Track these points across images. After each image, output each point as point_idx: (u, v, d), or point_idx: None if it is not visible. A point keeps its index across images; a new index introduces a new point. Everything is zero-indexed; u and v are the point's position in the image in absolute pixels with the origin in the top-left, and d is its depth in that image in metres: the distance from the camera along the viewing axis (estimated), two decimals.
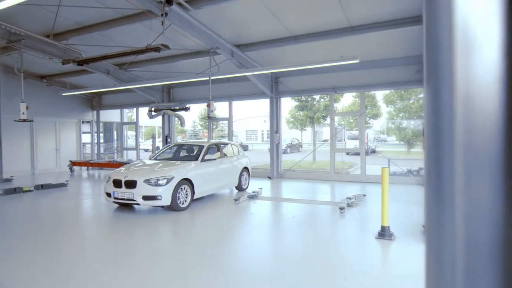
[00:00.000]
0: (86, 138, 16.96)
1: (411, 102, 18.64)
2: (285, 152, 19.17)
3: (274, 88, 12.13)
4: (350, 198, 7.52)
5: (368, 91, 12.30)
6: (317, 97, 19.86)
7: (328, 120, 14.44)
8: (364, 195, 8.38)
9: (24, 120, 9.65)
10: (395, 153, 20.10)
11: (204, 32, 8.46)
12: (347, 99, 22.03)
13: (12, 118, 11.79)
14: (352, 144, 19.69)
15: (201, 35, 8.39)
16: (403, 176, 10.69)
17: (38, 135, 14.45)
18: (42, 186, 10.03)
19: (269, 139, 13.16)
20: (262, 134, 42.09)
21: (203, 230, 6.08)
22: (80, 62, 8.68)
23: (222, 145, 9.21)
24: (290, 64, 9.43)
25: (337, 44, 9.12)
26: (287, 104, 24.08)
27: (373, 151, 20.55)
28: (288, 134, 25.78)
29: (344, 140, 21.36)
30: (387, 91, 13.89)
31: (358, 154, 11.87)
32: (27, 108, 9.56)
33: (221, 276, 3.90)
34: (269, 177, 12.21)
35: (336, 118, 12.34)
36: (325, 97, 19.43)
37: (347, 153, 18.47)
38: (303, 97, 19.07)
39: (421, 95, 16.37)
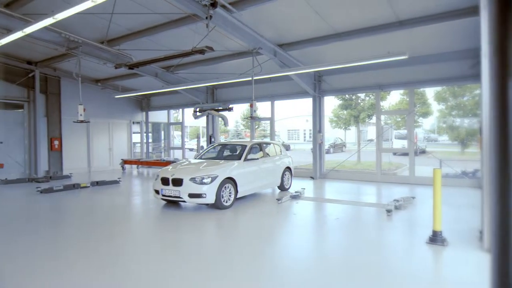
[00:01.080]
0: (136, 138, 17.91)
1: (465, 100, 17.43)
2: (328, 152, 18.79)
3: (317, 87, 11.95)
4: (397, 200, 7.21)
5: (417, 88, 11.69)
6: (362, 95, 19.26)
7: (373, 119, 13.95)
8: (413, 198, 7.99)
9: (82, 121, 10.40)
10: (447, 153, 18.92)
11: (247, 33, 8.56)
12: (394, 97, 21.07)
13: (71, 119, 12.78)
14: (399, 144, 18.86)
15: (244, 36, 8.50)
16: (457, 178, 10.03)
17: (94, 135, 15.52)
18: (97, 183, 10.76)
19: (311, 139, 13.00)
20: (304, 133, 41.65)
21: (246, 229, 6.16)
22: (131, 66, 9.18)
23: (264, 145, 9.26)
24: (334, 62, 9.22)
25: (383, 39, 8.77)
26: (330, 103, 23.63)
27: (423, 152, 19.48)
28: (331, 134, 25.27)
29: (391, 139, 20.49)
30: (439, 88, 13.11)
31: (406, 154, 11.34)
32: (84, 110, 10.29)
33: (263, 275, 3.92)
34: (312, 177, 12.06)
35: (382, 117, 11.87)
36: (370, 95, 18.79)
37: (394, 153, 17.68)
38: (347, 95, 18.59)
39: (477, 92, 15.23)
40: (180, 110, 17.04)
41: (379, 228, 5.97)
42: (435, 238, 4.84)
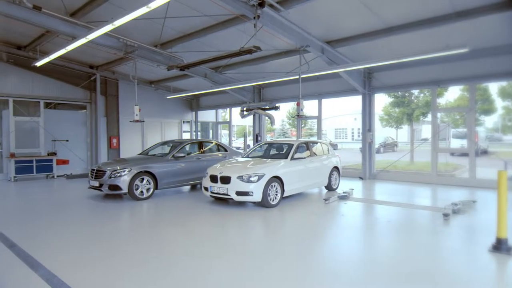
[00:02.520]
0: (186, 136, 18.61)
1: None
2: (378, 151, 18.07)
3: (367, 84, 11.53)
4: (456, 204, 6.73)
5: (479, 84, 10.81)
6: (415, 92, 18.23)
7: (429, 117, 13.15)
8: (474, 202, 7.41)
9: (137, 121, 11.04)
10: None
11: (294, 31, 8.49)
12: (453, 93, 19.66)
13: (127, 119, 13.62)
14: (457, 144, 17.57)
15: (292, 34, 8.45)
16: None
17: (148, 134, 16.40)
18: None
19: (360, 138, 12.57)
20: (352, 132, 40.41)
21: (292, 228, 6.13)
22: (182, 68, 9.56)
23: (311, 144, 9.14)
24: (385, 58, 8.83)
25: (440, 32, 8.21)
26: (381, 100, 22.66)
27: (485, 152, 17.98)
28: (381, 133, 24.25)
29: (448, 139, 19.18)
30: (504, 83, 12.00)
31: (465, 155, 10.53)
32: (139, 110, 10.91)
33: (310, 275, 3.88)
34: (361, 178, 11.68)
35: (439, 115, 11.14)
36: (425, 92, 17.72)
37: (452, 154, 16.51)
38: (399, 92, 17.71)
39: None
40: (228, 109, 17.40)
41: (434, 233, 5.62)
42: (500, 246, 4.45)
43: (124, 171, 7.96)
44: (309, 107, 14.45)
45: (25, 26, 9.35)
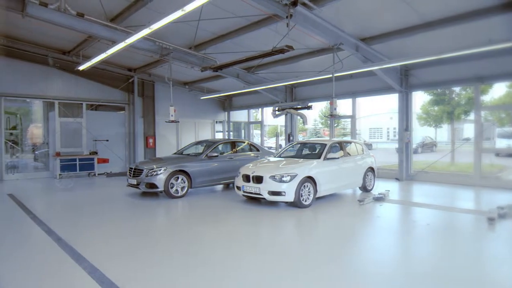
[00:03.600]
0: (218, 136, 18.89)
1: None
2: (416, 151, 17.34)
3: (404, 81, 11.12)
4: (502, 208, 6.31)
5: None
6: (457, 89, 17.31)
7: (471, 116, 12.46)
8: None
9: (172, 121, 11.36)
10: None
11: (328, 29, 8.35)
12: (498, 90, 18.46)
13: (163, 119, 14.05)
14: (504, 144, 16.49)
15: (325, 33, 8.31)
16: None
17: (182, 134, 16.83)
18: None
19: (396, 137, 12.15)
20: (388, 132, 39.08)
21: (325, 229, 6.04)
22: (215, 69, 9.71)
23: (345, 144, 8.96)
24: (424, 54, 8.45)
25: (482, 26, 7.73)
26: (418, 98, 21.73)
27: None
28: (419, 132, 23.26)
29: (493, 138, 18.04)
30: None
31: None
32: (174, 111, 11.21)
33: (344, 276, 3.80)
34: (397, 179, 11.28)
35: (483, 113, 10.51)
36: (467, 89, 16.78)
37: (497, 154, 15.52)
38: (438, 90, 16.90)
39: None
40: (260, 109, 17.46)
41: (478, 238, 5.32)
42: None
43: (160, 170, 8.22)
44: (343, 106, 14.16)
45: (69, 33, 9.90)
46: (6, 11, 8.09)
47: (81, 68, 11.46)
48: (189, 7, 6.10)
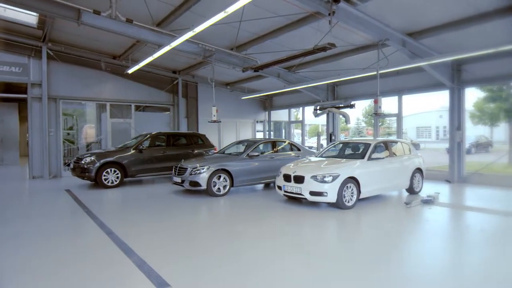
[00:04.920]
0: (259, 136, 19.01)
1: None
2: (469, 152, 16.22)
3: (456, 77, 10.44)
4: None
5: None
6: None
7: None
8: None
9: (215, 121, 11.61)
10: None
11: (372, 24, 8.08)
12: None
13: (206, 119, 14.42)
14: None
15: (369, 28, 8.05)
16: None
17: (224, 133, 17.15)
18: None
19: (446, 137, 11.45)
20: (437, 131, 36.92)
21: (370, 231, 5.85)
22: (256, 69, 9.79)
23: (390, 143, 8.60)
24: (478, 48, 7.87)
25: None
26: (471, 95, 20.30)
27: None
28: (472, 131, 21.74)
29: None
30: None
31: None
32: (217, 111, 11.46)
33: (390, 281, 3.65)
34: (448, 181, 10.63)
35: None
36: None
37: None
38: (494, 86, 15.66)
39: None
40: (301, 108, 17.30)
41: None
42: None
43: (203, 169, 8.44)
44: (388, 104, 13.63)
45: (119, 38, 10.50)
46: (64, 20, 8.76)
47: (130, 71, 12.11)
48: (231, 9, 6.20)
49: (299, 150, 10.48)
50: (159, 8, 8.76)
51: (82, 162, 9.90)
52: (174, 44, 8.56)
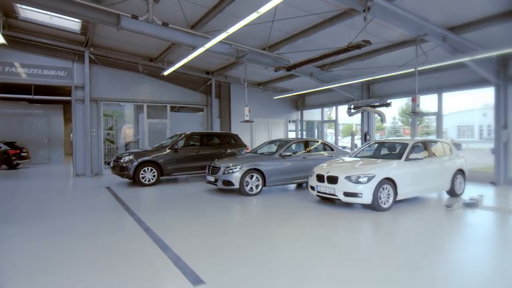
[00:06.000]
0: (291, 135, 18.91)
1: None
2: None
3: (502, 73, 9.80)
4: None
5: None
6: None
7: None
8: None
9: (247, 121, 11.69)
10: None
11: (410, 20, 7.77)
12: None
13: (238, 119, 14.56)
14: None
15: (406, 24, 7.75)
16: None
17: (256, 133, 17.24)
18: None
19: (491, 136, 10.77)
20: (481, 130, 34.85)
21: (407, 235, 5.63)
22: (289, 68, 9.74)
23: (430, 143, 8.24)
24: None
25: None
26: None
27: None
28: None
29: None
30: None
31: None
32: (249, 111, 11.53)
33: None
34: (493, 183, 10.01)
35: None
36: None
37: None
38: None
39: None
40: (334, 107, 17.01)
41: None
42: None
43: (236, 168, 8.53)
44: (427, 102, 13.07)
45: (155, 41, 10.86)
46: (104, 26, 9.20)
47: (165, 73, 12.49)
48: (263, 9, 6.22)
49: (332, 150, 10.31)
50: (193, 10, 8.96)
51: (121, 161, 10.34)
52: (208, 45, 8.72)
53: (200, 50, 9.15)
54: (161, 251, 4.63)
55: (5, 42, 9.97)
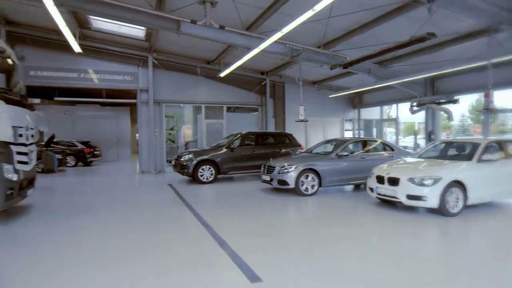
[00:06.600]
0: (347, 135, 18.36)
1: None
2: None
3: None
4: None
5: None
6: None
7: None
8: None
9: (302, 121, 11.59)
10: None
11: (481, 8, 7.09)
12: None
13: (293, 119, 14.49)
14: None
15: (477, 13, 7.10)
16: None
17: (310, 133, 17.02)
18: None
19: None
20: None
21: (481, 244, 5.15)
22: (345, 65, 9.47)
23: (506, 143, 7.44)
24: None
25: None
26: None
27: None
28: None
29: None
30: None
31: None
32: (305, 110, 11.42)
33: None
34: None
35: None
36: None
37: None
38: None
39: None
40: (394, 105, 16.18)
41: None
42: None
43: (291, 168, 8.50)
44: (501, 98, 11.84)
45: (212, 44, 11.24)
46: (166, 31, 9.73)
47: (221, 75, 12.88)
48: (319, 6, 6.13)
49: (392, 150, 9.81)
50: (248, 12, 9.11)
51: (182, 159, 10.87)
52: (263, 46, 8.81)
53: (255, 51, 9.27)
54: (218, 246, 4.78)
55: (81, 51, 11.01)
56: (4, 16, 11.43)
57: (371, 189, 7.31)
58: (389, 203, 7.38)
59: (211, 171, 10.86)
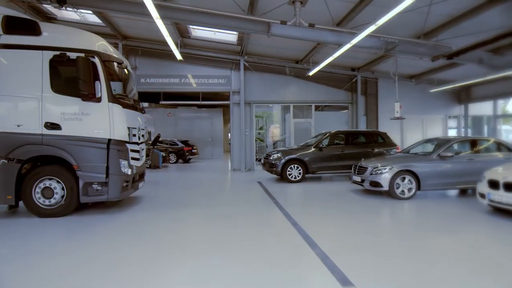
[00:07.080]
0: (452, 133, 16.45)
1: None
2: None
3: None
4: None
5: None
6: None
7: None
8: None
9: (398, 118, 10.80)
10: None
11: None
12: None
13: (387, 116, 13.60)
14: None
15: None
16: None
17: (407, 131, 15.71)
18: None
19: None
20: None
21: None
22: (450, 56, 8.51)
23: None
24: None
25: None
26: None
27: None
28: None
29: None
30: None
31: None
32: (400, 107, 10.62)
33: None
34: None
35: None
36: None
37: None
38: None
39: None
40: (511, 99, 13.91)
41: None
42: None
43: (385, 169, 7.99)
44: None
45: (301, 43, 11.23)
46: (256, 34, 10.06)
47: (310, 73, 12.79)
48: None
49: (509, 150, 8.46)
50: (339, 7, 8.83)
51: (271, 158, 11.13)
52: (354, 41, 8.47)
53: (347, 47, 8.96)
54: (308, 246, 4.75)
55: (182, 58, 12.12)
56: (121, 32, 13.26)
57: (482, 195, 6.41)
58: (505, 211, 6.38)
59: (299, 170, 10.86)
